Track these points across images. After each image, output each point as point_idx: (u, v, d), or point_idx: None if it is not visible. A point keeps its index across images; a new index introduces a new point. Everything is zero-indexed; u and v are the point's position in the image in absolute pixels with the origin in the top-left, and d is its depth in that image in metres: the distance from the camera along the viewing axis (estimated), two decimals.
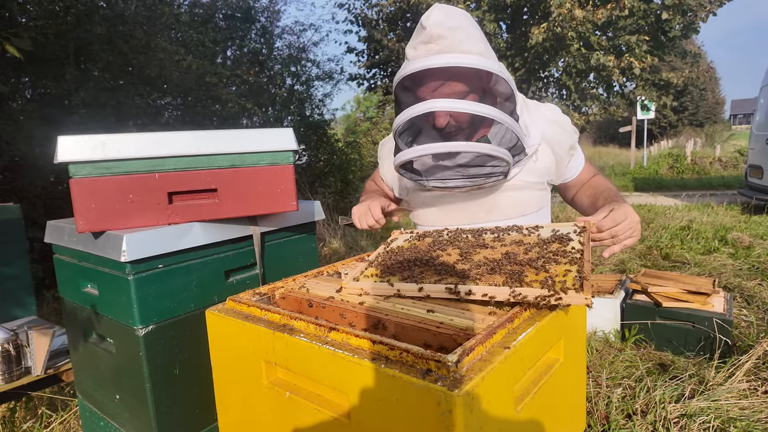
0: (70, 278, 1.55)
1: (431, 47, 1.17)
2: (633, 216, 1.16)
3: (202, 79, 6.56)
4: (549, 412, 0.88)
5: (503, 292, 0.91)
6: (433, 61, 1.15)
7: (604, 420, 2.30)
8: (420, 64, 1.16)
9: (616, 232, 1.15)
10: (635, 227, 1.16)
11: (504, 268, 0.99)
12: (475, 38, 1.21)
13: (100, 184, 1.27)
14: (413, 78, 1.19)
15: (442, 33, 1.16)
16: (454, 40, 1.17)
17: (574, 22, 6.93)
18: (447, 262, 1.08)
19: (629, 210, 1.17)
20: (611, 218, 1.15)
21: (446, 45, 1.16)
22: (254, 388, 0.95)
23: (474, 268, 1.02)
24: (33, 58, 4.13)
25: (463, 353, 0.69)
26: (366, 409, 0.75)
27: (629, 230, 1.15)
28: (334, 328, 0.83)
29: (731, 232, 5.63)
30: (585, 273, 0.93)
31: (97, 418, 1.60)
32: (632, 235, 1.16)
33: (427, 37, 1.18)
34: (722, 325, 2.77)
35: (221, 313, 1.02)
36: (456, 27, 1.19)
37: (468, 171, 1.30)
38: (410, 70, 1.17)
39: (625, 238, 1.15)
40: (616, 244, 1.16)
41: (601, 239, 1.17)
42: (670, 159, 15.58)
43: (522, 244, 1.14)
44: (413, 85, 1.23)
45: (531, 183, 1.40)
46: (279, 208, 1.47)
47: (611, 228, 1.15)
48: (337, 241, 6.34)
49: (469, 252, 1.11)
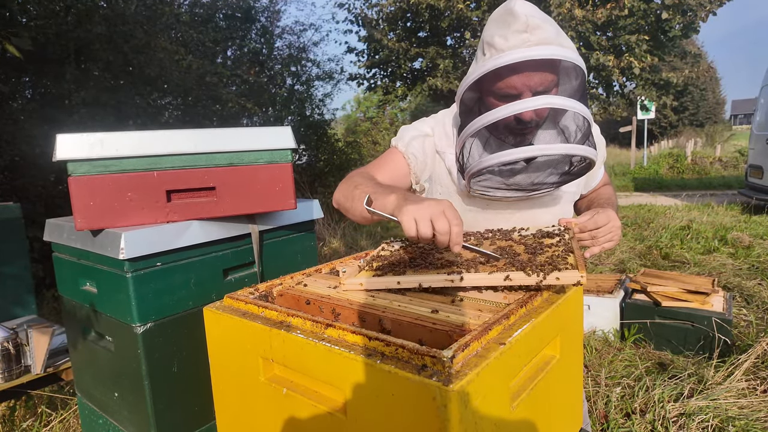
0: (69, 276, 1.55)
1: (527, 37, 1.08)
2: (615, 221, 1.20)
3: (202, 79, 6.56)
4: (545, 410, 0.88)
5: (497, 278, 0.93)
6: (539, 51, 1.06)
7: (603, 419, 2.30)
8: (524, 53, 1.07)
9: (596, 234, 1.20)
10: (615, 232, 1.20)
11: (498, 260, 1.02)
12: (563, 34, 1.16)
13: (99, 182, 1.28)
14: (512, 68, 1.09)
15: (538, 24, 1.09)
16: (551, 33, 1.10)
17: (574, 22, 6.93)
18: (443, 258, 1.10)
19: (612, 215, 1.20)
20: (593, 221, 1.19)
21: (544, 37, 1.09)
22: (252, 385, 0.95)
23: (470, 261, 1.05)
24: (33, 57, 4.14)
25: (458, 349, 0.70)
26: (362, 404, 0.75)
27: (609, 234, 1.20)
28: (330, 325, 0.83)
29: (731, 232, 5.63)
30: (578, 258, 0.97)
31: (97, 416, 1.60)
32: (612, 239, 1.20)
33: (522, 26, 1.09)
34: (722, 325, 2.78)
35: (219, 310, 1.02)
36: (548, 20, 1.13)
37: (531, 178, 1.23)
38: (513, 59, 1.07)
39: (605, 241, 1.20)
40: (596, 246, 1.21)
41: (581, 239, 1.21)
42: (670, 159, 15.58)
43: (513, 241, 1.17)
44: (507, 75, 1.12)
45: (570, 193, 1.37)
46: (277, 206, 1.48)
47: (592, 230, 1.19)
48: (337, 241, 6.34)
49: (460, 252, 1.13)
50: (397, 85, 9.69)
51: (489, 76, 1.13)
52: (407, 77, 9.54)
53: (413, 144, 1.32)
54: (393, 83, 9.66)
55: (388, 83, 9.65)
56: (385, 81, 9.68)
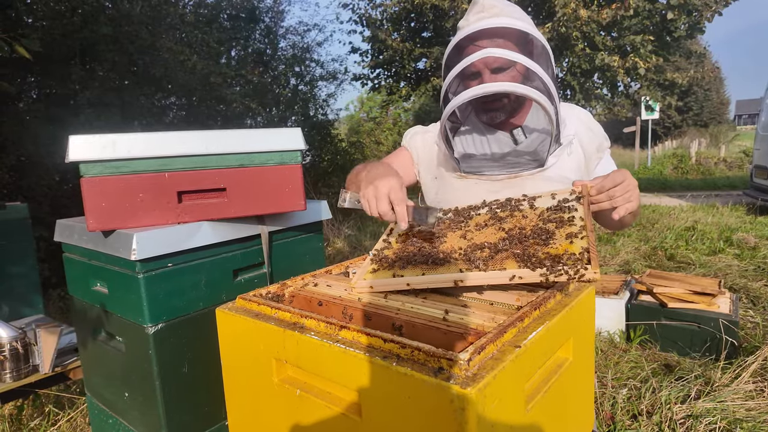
0: (79, 277, 1.56)
1: (482, 15, 1.24)
2: (631, 179, 1.13)
3: (206, 79, 6.58)
4: (558, 412, 0.89)
5: (503, 276, 0.92)
6: (486, 22, 1.20)
7: (610, 420, 2.30)
8: (474, 26, 1.21)
9: (613, 193, 1.12)
10: (633, 191, 1.12)
11: (508, 250, 0.99)
12: (525, 17, 1.29)
13: (111, 183, 1.28)
14: (469, 38, 1.24)
15: (494, 4, 1.25)
16: (505, 10, 1.25)
17: (579, 22, 6.92)
18: (451, 249, 1.07)
19: (627, 173, 1.14)
20: (610, 179, 1.13)
21: (498, 12, 1.24)
22: (264, 386, 0.96)
23: (477, 251, 1.02)
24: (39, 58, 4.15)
25: (474, 351, 0.70)
26: (377, 406, 0.75)
27: (627, 193, 1.12)
28: (344, 326, 0.84)
29: (736, 233, 5.61)
30: (590, 246, 0.91)
31: (107, 416, 1.61)
32: (631, 198, 1.12)
33: (480, 8, 1.26)
34: (728, 326, 2.77)
35: (231, 311, 1.03)
36: (509, 5, 1.28)
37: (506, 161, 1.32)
38: (465, 33, 1.22)
39: (624, 201, 1.11)
40: (617, 208, 1.12)
41: (599, 202, 1.14)
42: (674, 159, 15.53)
43: (522, 217, 1.12)
44: (466, 47, 1.26)
45: (565, 178, 1.38)
46: (287, 207, 1.48)
47: (609, 189, 1.12)
48: (341, 241, 6.35)
49: (471, 234, 1.11)
50: (401, 85, 9.69)
51: (452, 56, 1.26)
52: (411, 77, 9.53)
53: (415, 138, 1.54)
54: (397, 83, 9.66)
55: (391, 83, 9.64)
56: (388, 81, 9.68)
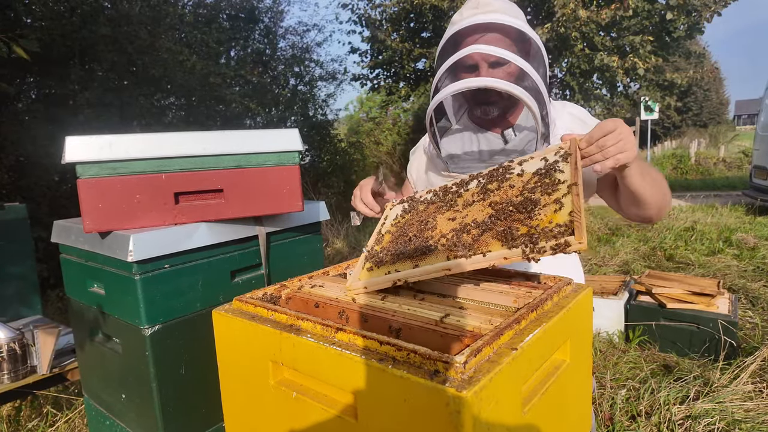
0: (76, 278, 1.55)
1: (475, 11, 1.25)
2: (624, 127, 1.00)
3: (205, 80, 6.58)
4: (556, 414, 0.88)
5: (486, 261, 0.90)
6: (479, 18, 1.21)
7: (609, 421, 2.29)
8: (466, 21, 1.22)
9: (604, 143, 1.00)
10: (627, 139, 1.00)
11: (493, 228, 0.95)
12: (520, 14, 1.30)
13: (108, 184, 1.28)
14: (461, 34, 1.24)
15: (489, 1, 1.25)
16: (499, 6, 1.25)
17: (578, 23, 6.92)
18: (440, 235, 1.04)
19: (619, 121, 1.01)
20: (599, 128, 1.01)
21: (492, 8, 1.24)
22: (261, 388, 0.95)
23: (464, 234, 0.99)
24: (38, 58, 4.15)
25: (470, 354, 0.70)
26: (373, 409, 0.75)
27: (620, 142, 0.99)
28: (341, 329, 0.83)
29: (736, 233, 5.61)
30: (575, 211, 0.85)
31: (104, 417, 1.60)
32: (624, 148, 1.00)
33: (474, 3, 1.26)
34: (727, 327, 2.77)
35: (228, 313, 1.02)
36: (503, 0, 1.29)
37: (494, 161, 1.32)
38: (457, 28, 1.22)
39: (616, 152, 0.99)
40: (608, 159, 1.00)
41: (590, 154, 1.02)
42: (673, 160, 15.54)
43: (510, 187, 1.05)
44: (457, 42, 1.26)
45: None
46: (285, 208, 1.48)
47: (599, 139, 1.01)
48: (340, 242, 6.34)
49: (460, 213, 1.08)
50: (401, 85, 9.69)
51: (443, 50, 1.27)
52: (410, 78, 9.54)
53: (410, 162, 1.62)
54: (396, 84, 9.67)
55: (391, 84, 9.65)
56: (388, 81, 9.68)
